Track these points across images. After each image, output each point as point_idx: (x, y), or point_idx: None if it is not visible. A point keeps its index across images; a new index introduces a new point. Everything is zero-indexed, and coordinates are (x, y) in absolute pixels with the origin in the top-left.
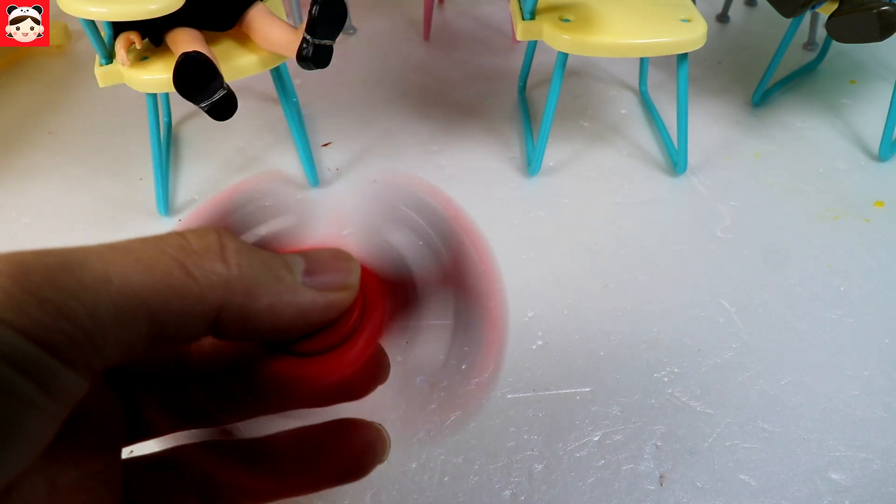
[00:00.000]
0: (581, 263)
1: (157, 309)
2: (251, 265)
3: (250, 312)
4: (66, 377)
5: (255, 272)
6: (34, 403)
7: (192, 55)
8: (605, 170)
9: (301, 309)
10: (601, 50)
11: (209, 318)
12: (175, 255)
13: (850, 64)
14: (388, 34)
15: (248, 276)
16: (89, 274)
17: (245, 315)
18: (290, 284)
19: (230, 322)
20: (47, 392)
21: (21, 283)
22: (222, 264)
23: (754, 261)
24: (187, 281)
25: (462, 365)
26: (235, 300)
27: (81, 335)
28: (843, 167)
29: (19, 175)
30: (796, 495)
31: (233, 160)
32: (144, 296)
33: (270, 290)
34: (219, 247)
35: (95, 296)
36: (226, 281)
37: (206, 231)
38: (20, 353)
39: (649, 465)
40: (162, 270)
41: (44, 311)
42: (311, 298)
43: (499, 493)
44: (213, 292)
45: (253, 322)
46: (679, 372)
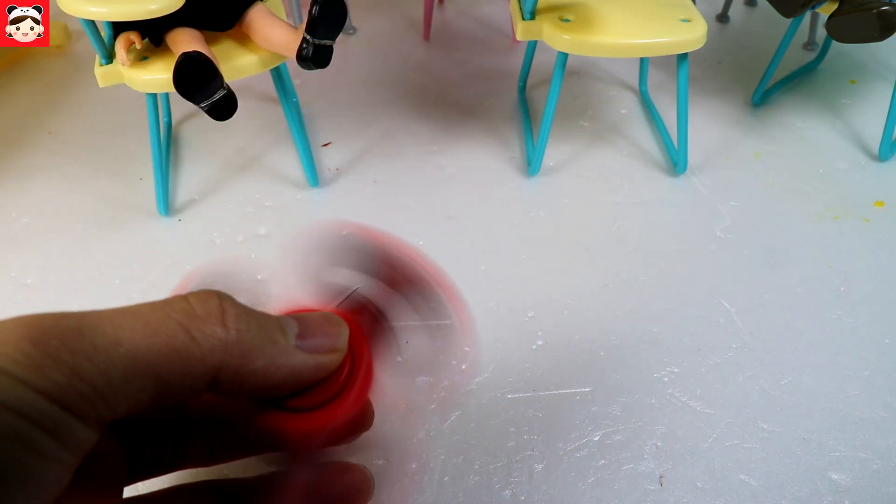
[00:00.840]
0: (581, 263)
1: (163, 369)
2: (248, 329)
3: (247, 373)
4: (79, 430)
5: (252, 336)
6: (50, 455)
7: (192, 55)
8: (605, 170)
9: (293, 370)
10: (601, 50)
11: (209, 377)
12: (179, 320)
13: (850, 64)
14: (388, 34)
15: (245, 340)
16: (101, 338)
17: (242, 375)
18: (284, 348)
19: (227, 380)
20: (62, 444)
21: (40, 346)
22: (222, 329)
23: (754, 261)
24: (190, 344)
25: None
26: (233, 362)
27: (94, 394)
28: (843, 167)
29: (19, 175)
30: (796, 495)
31: (233, 160)
32: (151, 358)
33: (265, 352)
34: (219, 311)
35: (107, 358)
36: (225, 344)
37: (209, 296)
38: (39, 411)
39: (649, 465)
40: (167, 334)
41: (61, 372)
42: (302, 360)
43: (499, 493)
44: (213, 354)
45: (249, 381)
46: (679, 372)
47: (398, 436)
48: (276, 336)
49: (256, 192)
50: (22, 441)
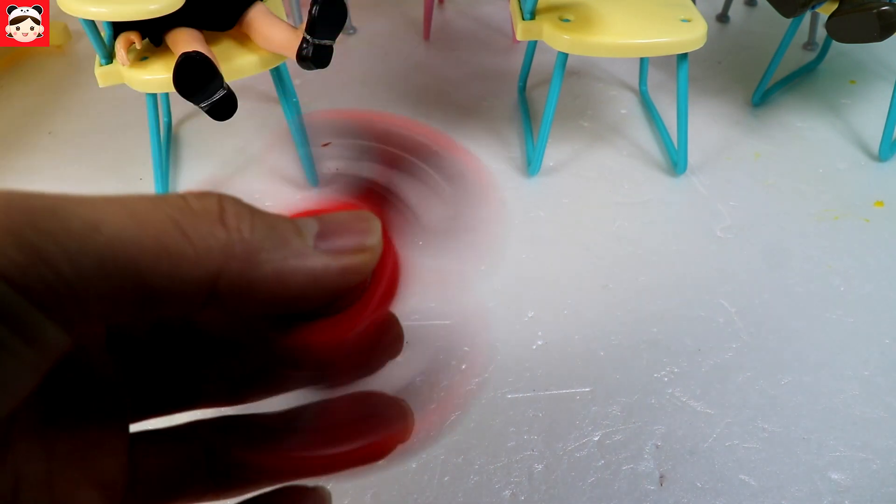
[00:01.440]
0: (581, 263)
1: (146, 267)
2: (254, 229)
3: (252, 280)
4: (45, 326)
5: (259, 236)
6: (10, 348)
7: (192, 55)
8: (605, 170)
9: (312, 275)
10: (601, 50)
11: (204, 284)
12: (172, 214)
13: (850, 64)
14: (388, 34)
15: (249, 241)
16: (77, 221)
17: (247, 283)
18: (299, 249)
19: (230, 291)
20: (23, 338)
21: (1, 221)
22: (221, 227)
23: (754, 261)
24: (181, 241)
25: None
26: (235, 266)
27: (59, 283)
28: (843, 167)
29: (19, 175)
30: (796, 495)
31: (233, 160)
32: (133, 252)
33: (275, 255)
34: (218, 209)
35: (80, 243)
36: (224, 245)
37: (209, 194)
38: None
39: (649, 465)
40: (156, 228)
41: (21, 251)
42: (323, 263)
43: (499, 493)
44: (209, 256)
45: (257, 291)
46: (679, 372)
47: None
48: (290, 236)
49: (256, 192)
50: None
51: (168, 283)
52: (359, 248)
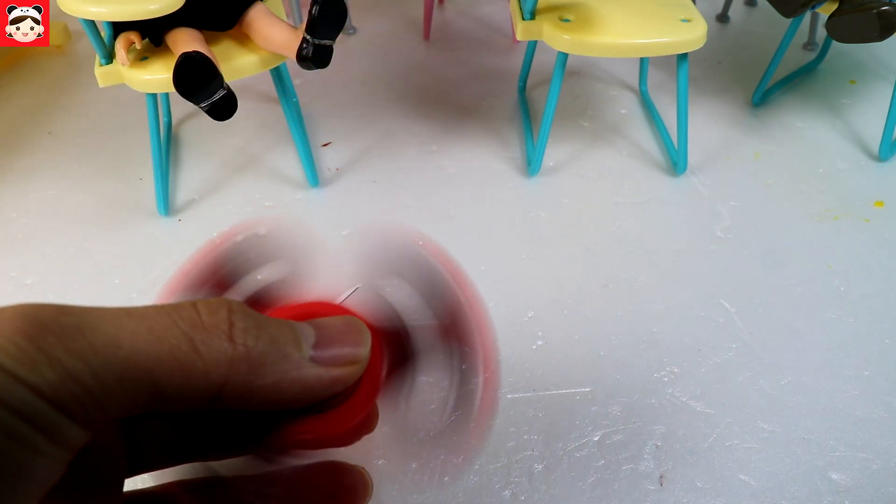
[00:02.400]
0: (581, 263)
1: (161, 379)
2: (258, 344)
3: (254, 389)
4: (71, 429)
5: (262, 351)
6: (41, 450)
7: (192, 55)
8: (605, 170)
9: (306, 386)
10: (601, 50)
11: (211, 391)
12: (185, 329)
13: (850, 64)
14: (388, 34)
15: (253, 356)
16: (101, 338)
17: (248, 391)
18: (297, 361)
19: (233, 396)
20: (52, 441)
21: (36, 342)
22: (229, 343)
23: (754, 261)
24: (193, 357)
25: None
26: (239, 378)
27: (86, 396)
28: (843, 167)
29: (19, 175)
30: (796, 495)
31: (233, 160)
32: (150, 365)
33: (276, 368)
34: (228, 325)
35: (104, 361)
36: (231, 360)
37: (219, 305)
38: (29, 407)
39: (649, 465)
40: (171, 343)
41: (54, 371)
42: (316, 375)
43: (499, 493)
44: (216, 369)
45: (256, 397)
46: (679, 372)
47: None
48: (289, 349)
49: (256, 192)
50: (11, 435)
51: (179, 391)
52: (350, 360)
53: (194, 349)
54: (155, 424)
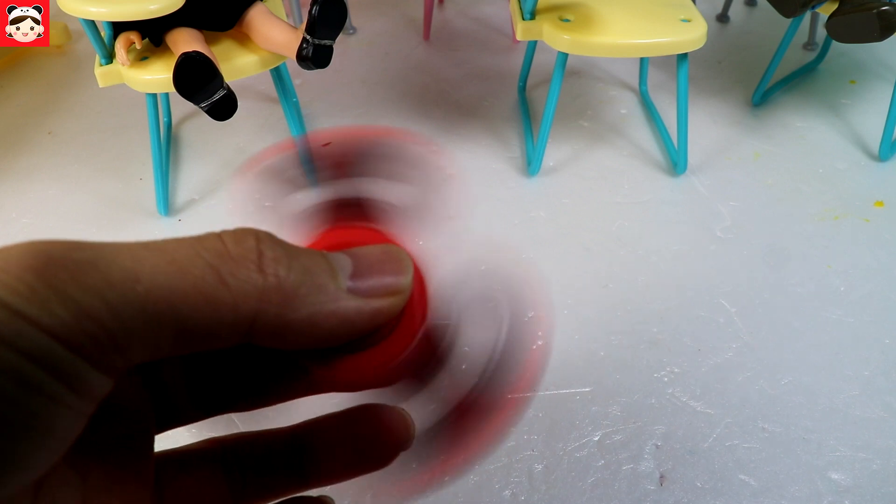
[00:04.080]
0: (581, 263)
1: (186, 314)
2: (290, 274)
3: (287, 323)
4: (91, 375)
5: (294, 282)
6: (61, 401)
7: (192, 55)
8: (605, 170)
9: (344, 318)
10: (601, 50)
11: (241, 327)
12: (210, 260)
13: (850, 64)
14: (388, 34)
15: (285, 286)
16: (118, 272)
17: (281, 326)
18: (333, 293)
19: (265, 332)
20: (73, 390)
21: (46, 278)
22: (258, 273)
23: (754, 261)
24: (220, 288)
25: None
26: (270, 311)
27: (104, 335)
28: (843, 167)
29: (19, 175)
30: (796, 495)
31: (233, 160)
32: (173, 300)
33: (310, 300)
34: (256, 254)
35: (121, 296)
36: (261, 291)
37: (246, 235)
38: (41, 349)
39: (649, 465)
40: (194, 275)
41: (67, 308)
42: (355, 307)
43: (499, 493)
44: (246, 302)
45: (290, 333)
46: (679, 372)
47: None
48: (324, 279)
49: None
50: (24, 381)
51: (206, 327)
52: (392, 290)
53: (221, 280)
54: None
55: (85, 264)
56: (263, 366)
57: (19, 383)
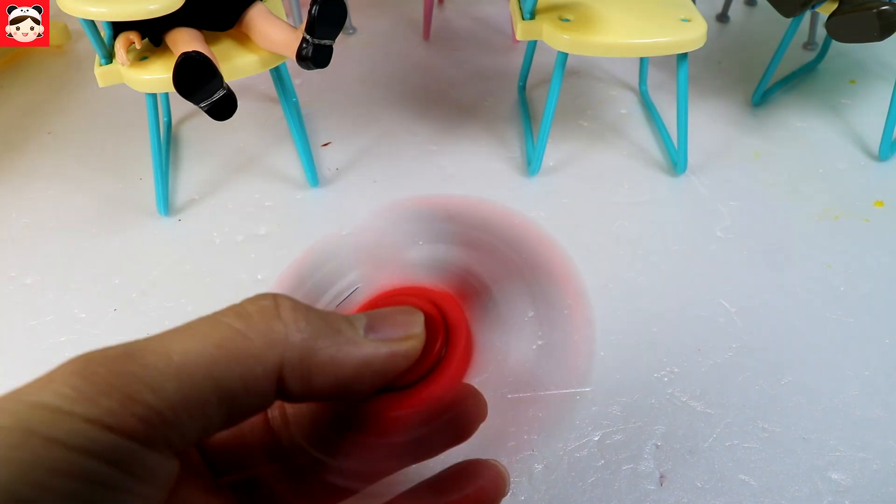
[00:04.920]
0: (581, 263)
1: (221, 375)
2: (309, 323)
3: (312, 366)
4: (150, 458)
5: (314, 328)
6: (125, 489)
7: (192, 55)
8: (605, 170)
9: (364, 359)
10: (601, 50)
11: (272, 376)
12: (231, 323)
13: (850, 64)
14: (388, 34)
15: (305, 331)
16: (151, 356)
17: (307, 369)
18: (351, 337)
19: (293, 379)
20: (136, 476)
21: (88, 377)
22: (279, 322)
23: (754, 261)
24: (245, 343)
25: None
26: (295, 354)
27: (152, 415)
28: (843, 167)
29: (19, 175)
30: (796, 495)
31: (233, 160)
32: (205, 365)
33: (330, 342)
34: (274, 307)
35: (159, 374)
36: (284, 337)
37: (262, 296)
38: (97, 443)
39: (649, 465)
40: (219, 337)
41: (111, 398)
42: (373, 347)
43: None
44: (272, 350)
45: (317, 376)
46: (679, 372)
47: None
48: (342, 326)
49: (256, 191)
50: (86, 477)
51: (242, 383)
52: (405, 336)
53: (244, 336)
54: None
55: (121, 356)
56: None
57: (81, 479)
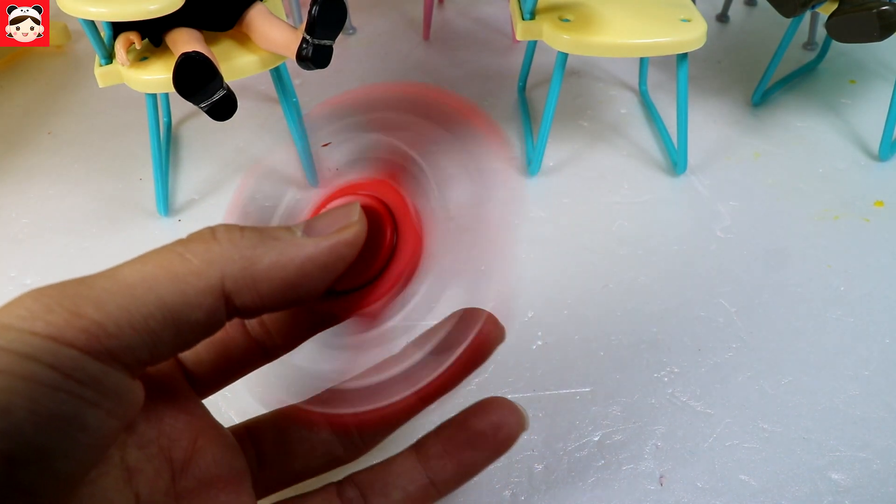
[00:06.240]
0: (581, 263)
1: (163, 292)
2: (244, 237)
3: (255, 274)
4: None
5: (250, 241)
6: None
7: (192, 55)
8: (605, 170)
9: (308, 256)
10: (601, 50)
11: (216, 291)
12: (173, 248)
13: (850, 64)
14: (388, 34)
15: (242, 246)
16: (99, 280)
17: (252, 279)
18: (289, 240)
19: (241, 292)
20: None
21: (38, 299)
22: (214, 243)
23: (754, 261)
24: (185, 263)
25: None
26: (235, 267)
27: (94, 327)
28: (843, 167)
29: (19, 175)
30: (796, 495)
31: (233, 160)
32: (148, 284)
33: (269, 249)
34: (210, 232)
35: (103, 292)
36: (220, 255)
37: (202, 229)
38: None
39: (649, 465)
40: (160, 261)
41: (57, 314)
42: (314, 243)
43: (499, 493)
44: (211, 267)
45: (262, 282)
46: (679, 372)
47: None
48: (279, 233)
49: (256, 192)
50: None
51: (185, 299)
52: (343, 227)
53: (183, 259)
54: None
55: (72, 282)
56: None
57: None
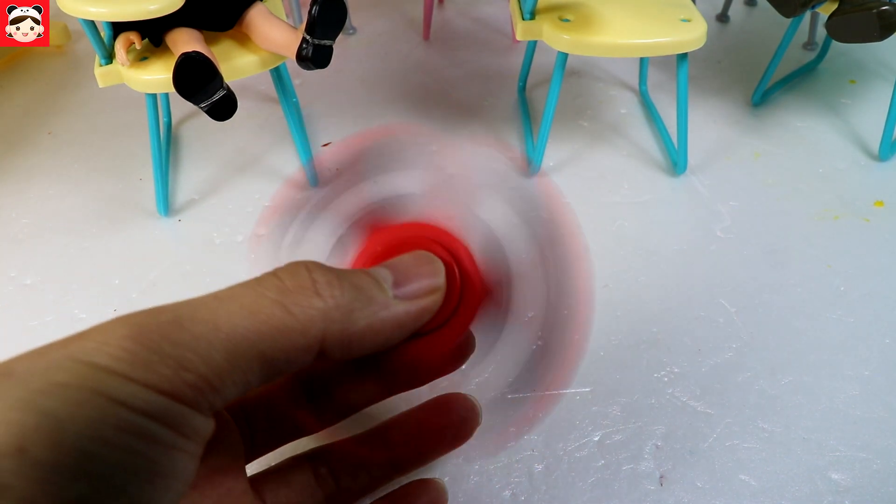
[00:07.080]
0: None
1: (265, 348)
2: (344, 293)
3: (351, 335)
4: (194, 419)
5: (349, 299)
6: (176, 446)
7: (192, 55)
8: (605, 170)
9: (397, 322)
10: (601, 50)
11: (314, 348)
12: (274, 297)
13: (850, 64)
14: (388, 34)
15: (343, 305)
16: (200, 326)
17: (346, 339)
18: (383, 302)
19: (334, 347)
20: (182, 434)
21: (142, 342)
22: (318, 298)
23: (754, 261)
24: (288, 319)
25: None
26: (335, 328)
27: (201, 382)
28: (843, 167)
29: (19, 175)
30: (796, 495)
31: (233, 160)
32: (252, 339)
33: (366, 312)
34: (311, 283)
35: (208, 345)
36: (323, 313)
37: (297, 267)
38: (153, 405)
39: (649, 465)
40: (265, 313)
41: (166, 365)
42: (404, 310)
43: (499, 494)
44: (313, 325)
45: (355, 343)
46: (679, 372)
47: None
48: (374, 292)
49: (256, 192)
50: (144, 435)
51: (285, 355)
52: (430, 290)
53: (287, 312)
54: (265, 408)
55: (171, 324)
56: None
57: (140, 437)
